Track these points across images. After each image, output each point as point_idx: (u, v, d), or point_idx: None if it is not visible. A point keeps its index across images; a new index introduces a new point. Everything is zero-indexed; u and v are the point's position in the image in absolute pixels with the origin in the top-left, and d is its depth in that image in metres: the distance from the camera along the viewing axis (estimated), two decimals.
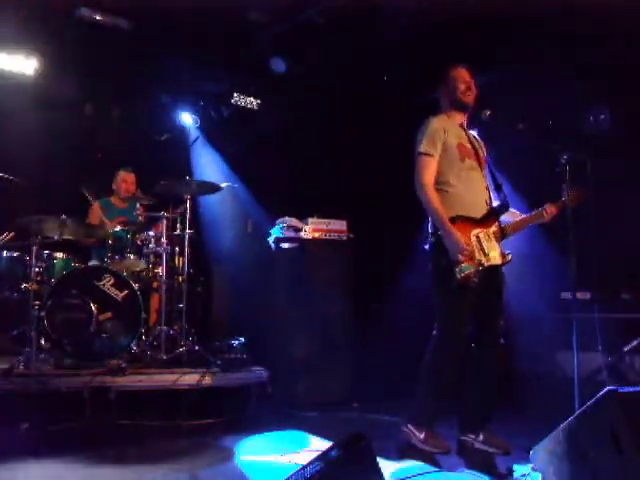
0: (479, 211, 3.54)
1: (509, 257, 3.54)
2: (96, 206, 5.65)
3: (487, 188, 3.65)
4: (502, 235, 3.55)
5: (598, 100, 5.22)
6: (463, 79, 3.65)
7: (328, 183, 6.47)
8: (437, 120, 3.63)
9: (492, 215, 3.57)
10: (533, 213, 3.68)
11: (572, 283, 3.53)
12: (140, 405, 4.10)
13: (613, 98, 5.14)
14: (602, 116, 5.25)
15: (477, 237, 3.46)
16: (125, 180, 5.73)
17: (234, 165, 6.70)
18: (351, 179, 6.53)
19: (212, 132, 6.77)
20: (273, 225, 5.49)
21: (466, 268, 3.32)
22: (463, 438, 3.60)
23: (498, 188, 3.69)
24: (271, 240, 5.43)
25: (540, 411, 4.81)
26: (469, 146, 3.64)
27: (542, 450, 2.64)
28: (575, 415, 2.51)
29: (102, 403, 3.97)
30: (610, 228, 4.32)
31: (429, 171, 3.50)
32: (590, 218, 3.69)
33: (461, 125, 3.70)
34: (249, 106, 6.62)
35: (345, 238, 5.45)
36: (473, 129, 3.81)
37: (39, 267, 4.64)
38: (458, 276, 3.32)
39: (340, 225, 5.48)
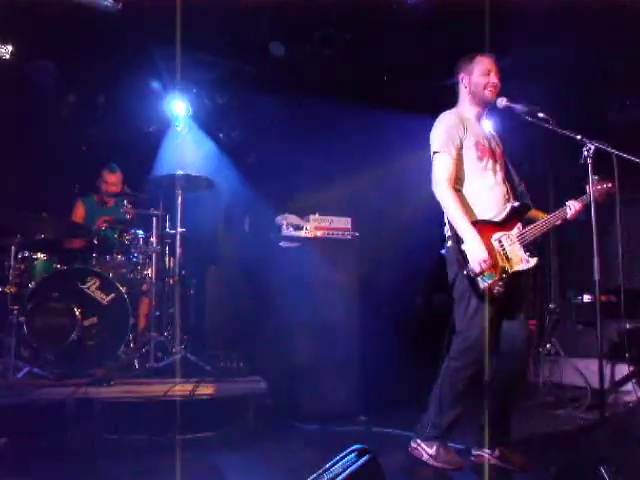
0: (499, 213, 3.50)
1: (534, 261, 3.46)
2: (79, 204, 5.66)
3: (506, 187, 3.61)
4: (523, 239, 3.50)
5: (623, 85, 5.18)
6: (487, 71, 3.58)
7: (331, 177, 6.46)
8: (453, 115, 3.59)
9: (513, 216, 3.52)
10: (555, 213, 3.61)
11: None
12: (128, 418, 4.09)
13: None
14: (627, 102, 5.22)
15: (499, 241, 3.42)
16: (107, 182, 5.71)
17: (230, 158, 6.69)
18: (356, 173, 6.52)
19: (206, 122, 6.76)
20: (272, 223, 5.47)
21: (489, 277, 3.28)
22: (478, 453, 3.59)
23: (518, 186, 3.66)
24: (270, 239, 5.42)
25: (563, 424, 4.83)
26: (487, 143, 3.61)
27: None
28: None
29: (86, 416, 3.96)
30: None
31: (447, 171, 3.47)
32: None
33: (478, 119, 3.66)
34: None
35: (349, 237, 5.43)
36: (489, 120, 3.78)
37: (18, 269, 4.64)
38: (481, 286, 3.29)
39: (344, 223, 5.46)
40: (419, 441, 3.52)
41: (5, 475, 3.31)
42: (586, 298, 5.79)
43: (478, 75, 3.59)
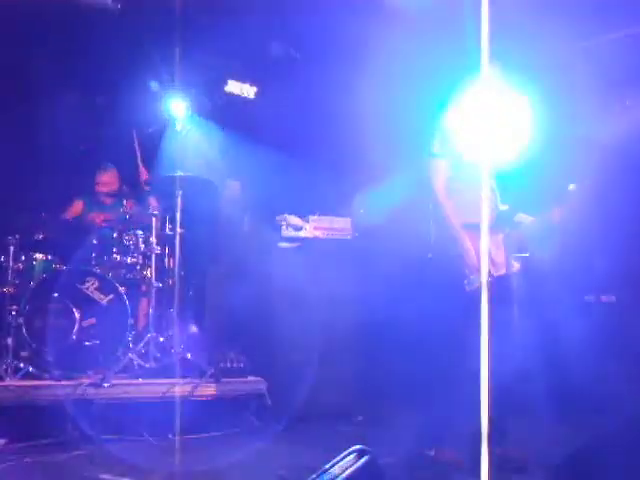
0: (487, 217, 3.53)
1: (517, 265, 3.58)
2: (77, 202, 5.66)
3: (496, 193, 3.64)
4: (508, 243, 3.55)
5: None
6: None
7: (331, 177, 6.45)
8: (450, 117, 3.60)
9: (500, 221, 3.58)
10: (540, 218, 3.67)
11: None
12: (127, 419, 4.10)
13: None
14: (627, 102, 5.22)
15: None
16: (99, 182, 5.70)
17: (229, 158, 6.68)
18: (357, 173, 6.51)
19: (205, 122, 6.76)
20: (271, 223, 5.48)
21: (475, 280, 3.33)
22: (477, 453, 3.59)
23: (507, 191, 3.69)
24: (269, 239, 5.43)
25: (564, 424, 4.84)
26: (480, 147, 3.63)
27: None
28: None
29: (85, 417, 3.96)
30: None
31: (439, 174, 3.51)
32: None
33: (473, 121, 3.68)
34: (244, 94, 6.61)
35: (349, 237, 5.44)
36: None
37: (16, 269, 4.64)
38: (467, 288, 3.34)
39: (344, 223, 5.47)
40: (419, 442, 3.53)
41: (4, 476, 3.31)
42: (586, 298, 5.79)
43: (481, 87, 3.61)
